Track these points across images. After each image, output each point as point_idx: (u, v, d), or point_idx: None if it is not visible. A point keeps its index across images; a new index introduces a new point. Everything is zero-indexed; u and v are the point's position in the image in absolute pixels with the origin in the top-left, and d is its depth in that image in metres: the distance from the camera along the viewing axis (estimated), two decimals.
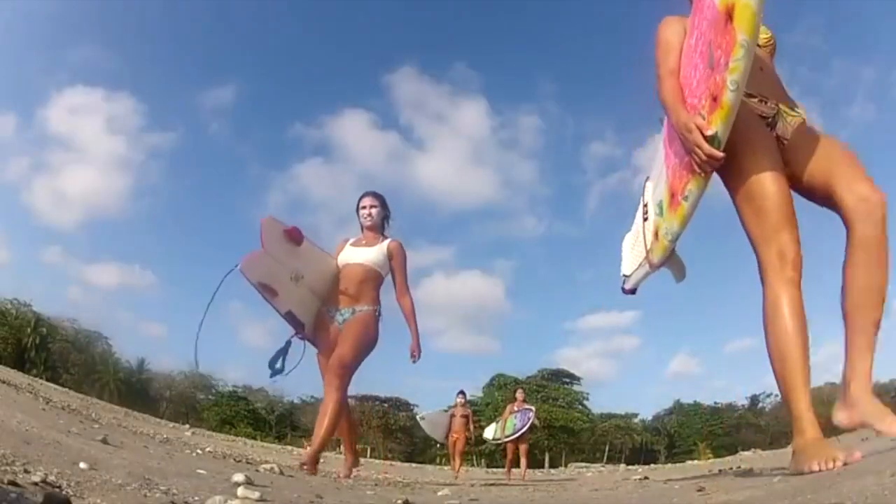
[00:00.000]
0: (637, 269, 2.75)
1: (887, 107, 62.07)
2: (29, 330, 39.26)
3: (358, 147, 78.32)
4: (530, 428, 9.39)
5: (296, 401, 49.80)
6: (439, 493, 2.41)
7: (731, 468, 4.92)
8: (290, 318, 3.66)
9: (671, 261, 2.39)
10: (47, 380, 24.16)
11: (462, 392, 10.67)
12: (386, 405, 47.44)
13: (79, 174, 65.28)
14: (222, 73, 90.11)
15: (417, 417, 12.61)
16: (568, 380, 49.50)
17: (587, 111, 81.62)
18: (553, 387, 47.22)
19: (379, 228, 4.04)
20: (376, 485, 3.12)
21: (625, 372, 70.06)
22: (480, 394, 44.74)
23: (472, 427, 10.24)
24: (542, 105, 77.48)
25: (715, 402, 50.39)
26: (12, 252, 60.38)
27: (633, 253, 2.90)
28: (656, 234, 2.34)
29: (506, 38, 77.54)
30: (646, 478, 4.35)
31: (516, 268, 74.97)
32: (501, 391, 41.01)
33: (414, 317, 3.91)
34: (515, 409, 9.58)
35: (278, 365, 3.70)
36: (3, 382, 6.59)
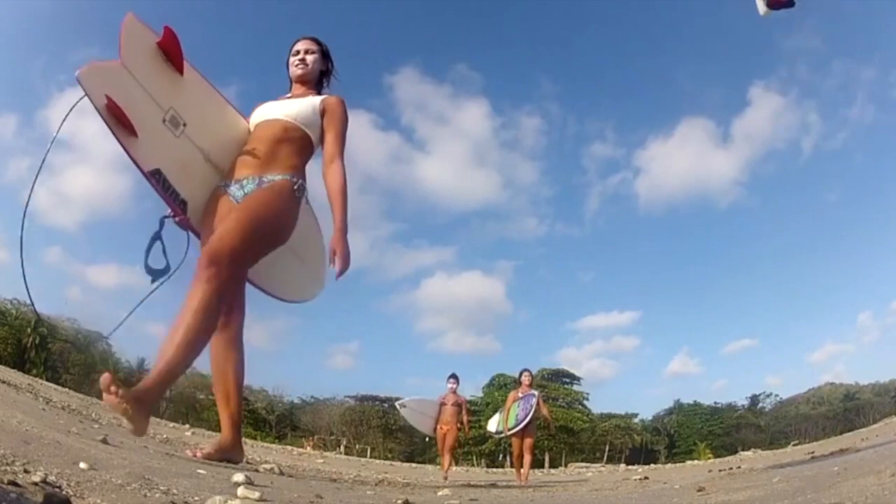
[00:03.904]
0: None
1: (887, 108, 62.03)
2: (29, 330, 39.25)
3: (359, 148, 78.01)
4: (535, 416, 7.92)
5: (296, 400, 49.90)
6: (439, 493, 2.41)
7: (731, 468, 4.92)
8: (158, 183, 2.46)
9: None
10: (47, 380, 24.11)
11: (454, 376, 8.92)
12: (386, 405, 47.45)
13: (80, 175, 65.08)
14: (223, 74, 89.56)
15: (397, 405, 9.70)
16: (568, 380, 49.49)
17: (588, 111, 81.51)
18: (553, 387, 47.19)
19: (314, 83, 2.89)
20: (376, 485, 3.12)
21: (625, 372, 70.05)
22: (480, 394, 44.76)
23: (465, 418, 8.63)
24: (543, 106, 77.34)
25: (715, 402, 50.47)
26: (13, 252, 60.02)
27: None
28: None
29: (507, 38, 77.34)
30: (646, 478, 4.34)
31: (517, 268, 74.75)
32: (502, 391, 40.99)
33: (342, 198, 2.55)
34: (520, 395, 8.16)
35: (160, 265, 2.55)
36: (3, 382, 6.59)
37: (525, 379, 8.28)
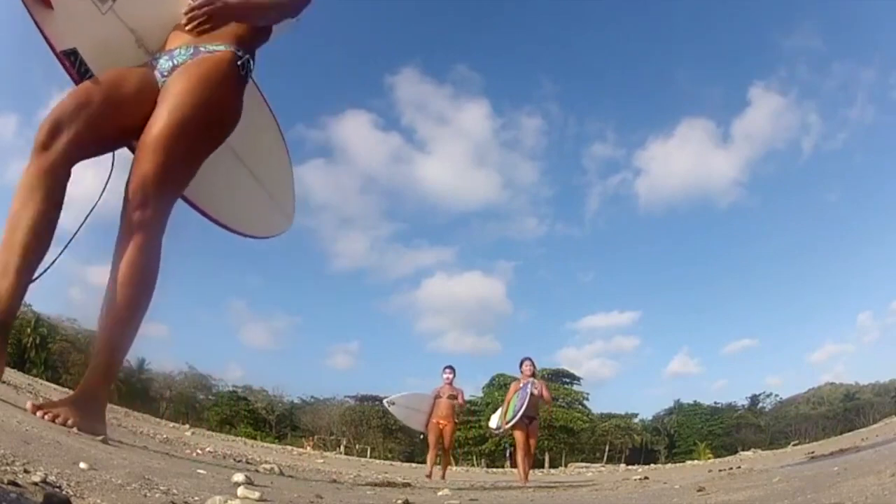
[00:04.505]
0: None
1: (887, 108, 62.24)
2: (29, 330, 39.28)
3: (360, 148, 78.45)
4: (532, 403, 7.28)
5: (296, 400, 49.94)
6: (439, 493, 2.40)
7: (731, 468, 4.92)
8: (73, 66, 2.06)
9: None
10: (47, 380, 24.16)
11: (450, 367, 8.36)
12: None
13: (80, 175, 65.02)
14: None
15: (385, 403, 9.02)
16: (568, 380, 49.54)
17: (588, 111, 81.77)
18: (553, 387, 47.18)
19: None
20: (376, 485, 3.12)
21: (625, 372, 70.20)
22: (480, 394, 44.79)
23: (461, 403, 8.11)
24: (543, 106, 77.50)
25: (715, 402, 50.63)
26: None
27: None
28: None
29: (508, 39, 77.64)
30: (646, 478, 4.34)
31: (517, 268, 75.14)
32: (502, 391, 40.98)
33: None
34: (520, 385, 7.55)
35: None
36: (3, 382, 6.59)
37: (526, 369, 7.63)
